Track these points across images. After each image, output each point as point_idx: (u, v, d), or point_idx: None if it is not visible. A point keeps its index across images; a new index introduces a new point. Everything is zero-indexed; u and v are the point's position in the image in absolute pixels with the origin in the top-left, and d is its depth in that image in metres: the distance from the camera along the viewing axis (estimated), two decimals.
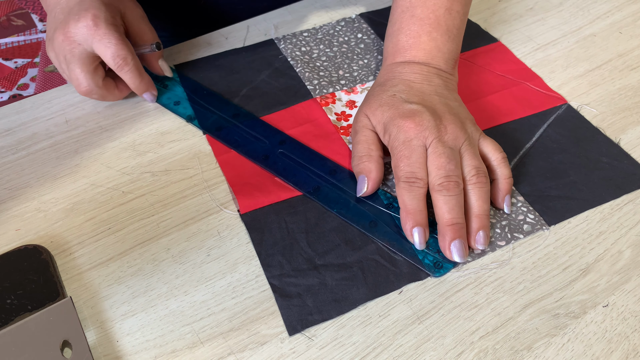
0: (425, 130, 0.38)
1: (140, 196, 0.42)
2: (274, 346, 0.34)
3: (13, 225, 0.40)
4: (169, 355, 0.33)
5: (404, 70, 0.44)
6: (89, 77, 0.45)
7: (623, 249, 0.38)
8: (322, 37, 0.55)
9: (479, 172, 0.38)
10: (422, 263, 0.37)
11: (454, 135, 0.39)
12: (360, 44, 0.54)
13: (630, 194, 0.41)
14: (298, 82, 0.50)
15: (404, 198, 0.38)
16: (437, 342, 0.34)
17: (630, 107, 0.47)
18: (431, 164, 0.38)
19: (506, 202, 0.40)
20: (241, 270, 0.37)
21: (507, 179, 0.40)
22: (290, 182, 0.42)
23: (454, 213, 0.37)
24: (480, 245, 0.38)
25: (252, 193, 0.41)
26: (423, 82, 0.43)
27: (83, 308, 0.36)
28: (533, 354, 0.33)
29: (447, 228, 0.37)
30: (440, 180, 0.37)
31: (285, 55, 0.53)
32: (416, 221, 0.37)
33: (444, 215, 0.37)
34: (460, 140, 0.39)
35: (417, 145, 0.38)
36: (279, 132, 0.46)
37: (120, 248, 0.39)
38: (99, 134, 0.46)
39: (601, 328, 0.34)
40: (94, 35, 0.43)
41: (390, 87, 0.43)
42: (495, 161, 0.40)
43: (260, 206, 0.41)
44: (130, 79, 0.45)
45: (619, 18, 0.56)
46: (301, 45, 0.54)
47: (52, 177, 0.43)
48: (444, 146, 0.38)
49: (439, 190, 0.37)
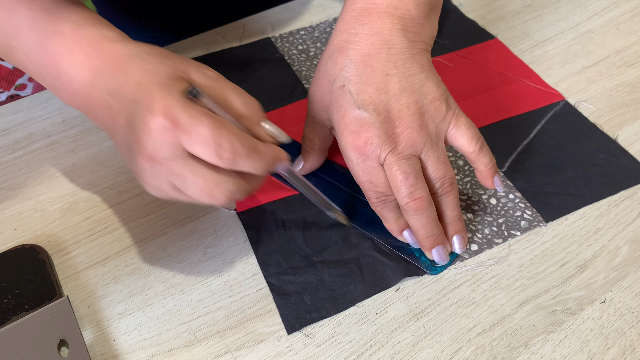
0: (377, 148, 0.34)
1: (136, 195, 0.42)
2: (270, 344, 0.34)
3: (10, 225, 0.40)
4: (166, 353, 0.33)
5: (362, 30, 0.36)
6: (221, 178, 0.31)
7: (620, 245, 0.38)
8: (319, 35, 0.55)
9: (443, 183, 0.36)
10: (419, 261, 0.37)
11: (409, 143, 0.35)
12: None
13: (628, 191, 0.41)
14: (295, 80, 0.50)
15: (382, 214, 0.37)
16: (434, 340, 0.34)
17: (628, 103, 0.47)
18: (391, 183, 0.35)
19: (496, 183, 0.38)
20: (238, 268, 0.37)
21: (489, 167, 0.37)
22: (286, 181, 0.42)
23: (427, 229, 0.36)
24: (458, 250, 0.37)
25: None
26: (380, 51, 0.36)
27: (80, 307, 0.36)
28: (530, 351, 0.33)
29: (424, 241, 0.36)
30: (404, 200, 0.35)
31: (282, 53, 0.53)
32: (400, 228, 0.38)
33: (419, 232, 0.36)
34: (419, 146, 0.35)
35: (372, 165, 0.35)
36: None
37: (116, 247, 0.39)
38: (95, 133, 0.46)
39: (598, 324, 0.34)
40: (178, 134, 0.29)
41: (340, 70, 0.36)
42: (472, 154, 0.37)
43: (257, 205, 0.41)
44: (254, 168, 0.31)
45: (617, 14, 0.56)
46: (298, 44, 0.54)
47: (49, 177, 0.43)
48: (398, 161, 0.34)
49: (407, 211, 0.35)
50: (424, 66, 0.37)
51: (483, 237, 0.39)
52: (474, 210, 0.40)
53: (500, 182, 0.38)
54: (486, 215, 0.40)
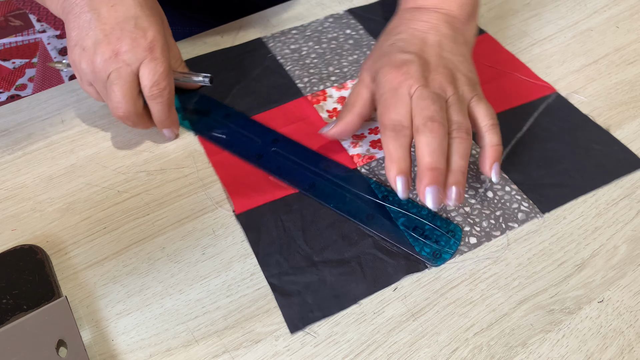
0: (410, 78, 0.37)
1: (135, 195, 0.42)
2: (268, 344, 0.34)
3: (9, 225, 0.40)
4: (164, 353, 0.34)
5: (412, 17, 0.43)
6: (131, 103, 0.40)
7: (619, 244, 0.38)
8: (310, 34, 0.55)
9: (460, 127, 0.36)
10: (420, 254, 0.37)
11: (440, 87, 0.38)
12: (349, 40, 0.54)
13: (626, 189, 0.41)
14: (288, 80, 0.50)
15: (389, 147, 0.36)
16: (431, 339, 0.34)
17: (627, 101, 0.47)
18: (415, 108, 0.36)
19: (494, 170, 0.38)
20: (236, 268, 0.37)
21: (496, 146, 0.38)
22: (286, 180, 0.42)
23: (435, 156, 0.35)
24: (451, 202, 0.36)
25: (247, 193, 0.41)
26: (429, 31, 0.41)
27: (78, 307, 0.36)
28: (528, 350, 0.33)
29: (426, 172, 0.35)
30: (423, 120, 0.35)
31: (274, 53, 0.53)
32: (400, 169, 0.36)
33: (424, 157, 0.35)
34: (448, 92, 0.38)
35: (403, 94, 0.37)
36: (271, 130, 0.46)
37: (115, 247, 0.39)
38: (94, 133, 0.46)
39: (596, 323, 0.34)
40: (146, 58, 0.40)
41: (393, 36, 0.42)
42: (484, 127, 0.38)
43: (256, 205, 0.41)
44: (159, 112, 0.42)
45: (616, 12, 0.56)
46: (290, 43, 0.54)
47: (47, 177, 0.43)
48: (428, 91, 0.37)
49: (422, 131, 0.35)
50: (464, 54, 0.42)
51: (481, 230, 0.39)
52: (471, 204, 0.40)
53: (499, 171, 0.38)
54: (483, 208, 0.40)
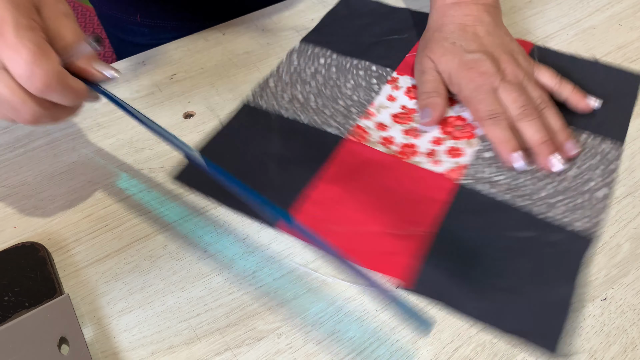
0: (490, 76, 0.43)
1: (137, 193, 0.42)
2: (270, 341, 0.34)
3: (11, 223, 0.40)
4: (166, 351, 0.34)
5: (455, 13, 0.47)
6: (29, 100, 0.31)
7: (622, 242, 0.38)
8: (290, 79, 0.49)
9: (543, 99, 0.43)
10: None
11: (513, 74, 0.44)
12: (330, 68, 0.50)
13: (629, 187, 0.41)
14: (315, 132, 0.45)
15: (495, 132, 0.42)
16: (434, 337, 0.34)
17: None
18: (506, 101, 0.43)
19: (590, 101, 0.45)
20: (238, 266, 0.37)
21: (574, 92, 0.45)
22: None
23: (542, 132, 0.42)
24: (572, 152, 0.42)
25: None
26: (475, 23, 0.47)
27: (80, 305, 0.36)
28: (531, 348, 0.33)
29: (541, 146, 0.41)
30: (519, 110, 0.42)
31: (276, 112, 0.47)
32: (512, 147, 0.42)
33: (534, 136, 0.42)
34: (520, 76, 0.44)
35: (488, 89, 0.43)
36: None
37: (117, 245, 0.39)
38: (96, 131, 0.46)
39: (599, 322, 0.34)
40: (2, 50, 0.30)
41: (448, 34, 0.47)
42: (555, 86, 0.45)
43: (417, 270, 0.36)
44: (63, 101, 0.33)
45: (619, 10, 0.56)
46: (278, 96, 0.48)
47: (49, 175, 0.43)
48: (510, 84, 0.43)
49: (521, 118, 0.42)
50: (507, 33, 0.48)
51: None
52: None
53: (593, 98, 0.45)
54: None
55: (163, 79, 0.51)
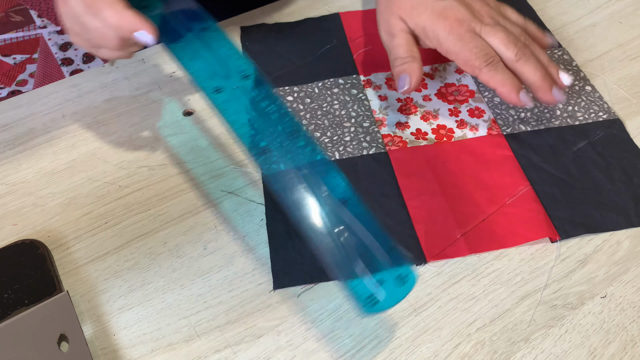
0: (470, 22, 0.42)
1: (137, 190, 0.42)
2: (270, 339, 0.34)
3: (10, 220, 0.40)
4: (166, 348, 0.34)
5: None
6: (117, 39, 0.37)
7: (622, 239, 0.38)
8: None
9: (524, 35, 0.43)
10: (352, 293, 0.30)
11: (489, 16, 0.43)
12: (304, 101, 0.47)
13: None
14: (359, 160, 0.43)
15: (496, 78, 0.41)
16: (433, 334, 0.34)
17: (630, 97, 0.47)
18: (494, 43, 0.41)
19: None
20: (238, 263, 0.37)
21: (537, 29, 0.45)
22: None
23: (540, 70, 0.41)
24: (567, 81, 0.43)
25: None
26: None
27: (80, 302, 0.36)
28: (530, 345, 0.33)
29: (542, 82, 0.41)
30: (515, 50, 0.41)
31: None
32: (518, 88, 0.41)
33: (535, 74, 0.41)
34: (496, 17, 0.43)
35: (472, 36, 0.41)
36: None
37: (117, 242, 0.39)
38: (95, 128, 0.46)
39: (599, 319, 0.34)
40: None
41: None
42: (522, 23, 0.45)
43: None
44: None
45: (619, 8, 0.56)
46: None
47: (49, 172, 0.43)
48: (492, 26, 0.42)
49: (518, 59, 0.41)
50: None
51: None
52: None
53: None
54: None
55: (163, 77, 0.51)
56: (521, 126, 0.45)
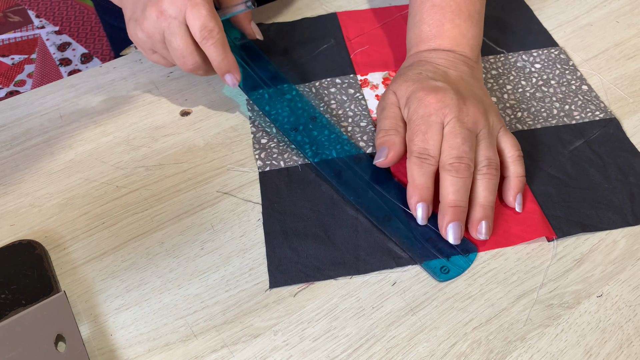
0: (446, 107, 0.38)
1: (134, 190, 0.42)
2: (267, 338, 0.34)
3: (7, 221, 0.40)
4: (163, 348, 0.34)
5: (430, 55, 0.44)
6: (195, 52, 0.41)
7: (618, 239, 0.38)
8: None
9: (490, 163, 0.38)
10: (428, 265, 0.37)
11: (474, 119, 0.39)
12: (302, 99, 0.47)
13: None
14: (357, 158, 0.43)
15: (413, 173, 0.38)
16: (430, 334, 0.34)
17: (627, 96, 0.47)
18: (445, 143, 0.38)
19: (517, 201, 0.39)
20: (235, 263, 0.37)
21: (520, 177, 0.39)
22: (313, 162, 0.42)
23: (458, 195, 0.37)
24: (482, 235, 0.37)
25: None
26: (450, 67, 0.43)
27: (77, 302, 0.36)
28: (526, 345, 0.33)
29: (449, 209, 0.37)
30: (451, 160, 0.37)
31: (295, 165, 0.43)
32: (422, 197, 0.37)
33: (449, 195, 0.37)
34: (480, 126, 0.39)
35: (435, 121, 0.38)
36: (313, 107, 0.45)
37: (114, 242, 0.39)
38: (93, 129, 0.46)
39: (595, 318, 0.34)
40: (187, 6, 0.40)
41: (417, 67, 0.43)
42: (510, 158, 0.40)
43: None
44: (214, 54, 0.41)
45: (616, 7, 0.56)
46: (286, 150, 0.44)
47: (46, 173, 0.43)
48: (461, 127, 0.38)
49: (448, 170, 0.37)
50: (483, 89, 0.44)
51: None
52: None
53: (521, 201, 0.39)
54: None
55: (160, 77, 0.51)
56: (518, 125, 0.45)
